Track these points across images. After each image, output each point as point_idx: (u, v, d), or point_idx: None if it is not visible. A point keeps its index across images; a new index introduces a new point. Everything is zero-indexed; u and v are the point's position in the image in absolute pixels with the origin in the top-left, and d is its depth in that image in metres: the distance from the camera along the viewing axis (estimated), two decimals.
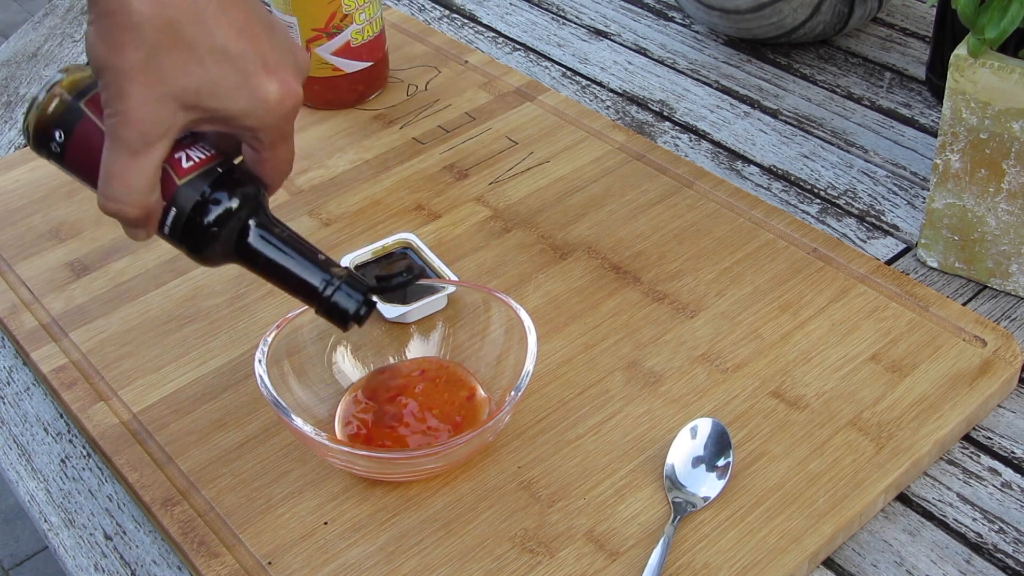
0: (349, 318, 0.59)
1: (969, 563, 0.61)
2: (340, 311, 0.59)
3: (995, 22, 0.67)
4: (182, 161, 0.57)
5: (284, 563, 0.60)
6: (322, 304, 0.59)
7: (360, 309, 0.59)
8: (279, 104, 0.56)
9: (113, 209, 0.55)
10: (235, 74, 0.54)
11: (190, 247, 0.58)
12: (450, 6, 1.15)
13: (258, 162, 0.58)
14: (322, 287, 0.59)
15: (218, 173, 0.57)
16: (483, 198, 0.85)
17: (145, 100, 0.53)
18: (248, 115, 0.55)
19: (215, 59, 0.54)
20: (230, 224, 0.57)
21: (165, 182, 0.56)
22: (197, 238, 0.57)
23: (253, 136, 0.57)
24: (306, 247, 0.59)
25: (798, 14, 0.96)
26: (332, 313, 0.59)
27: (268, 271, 0.59)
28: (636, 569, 0.59)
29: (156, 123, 0.53)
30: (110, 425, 0.69)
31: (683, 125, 0.95)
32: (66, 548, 0.65)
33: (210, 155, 0.58)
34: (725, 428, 0.64)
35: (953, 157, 0.73)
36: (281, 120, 0.57)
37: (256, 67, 0.55)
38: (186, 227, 0.57)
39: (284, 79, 0.56)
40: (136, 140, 0.53)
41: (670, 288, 0.76)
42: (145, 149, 0.54)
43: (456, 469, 0.64)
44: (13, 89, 1.06)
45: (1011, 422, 0.68)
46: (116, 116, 0.53)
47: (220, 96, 0.54)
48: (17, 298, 0.79)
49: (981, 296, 0.76)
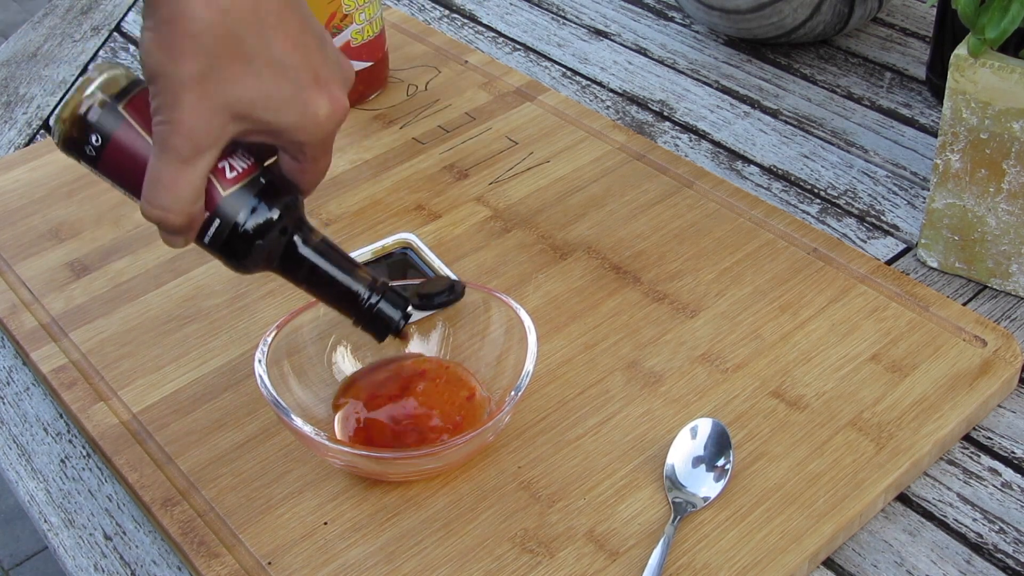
0: (391, 328, 0.59)
1: (969, 563, 0.61)
2: (383, 321, 0.59)
3: (995, 22, 0.67)
4: (226, 172, 0.56)
5: (284, 563, 0.60)
6: (364, 314, 0.59)
7: (401, 320, 0.60)
8: (328, 119, 0.55)
9: (157, 216, 0.55)
10: (289, 87, 0.54)
11: (231, 256, 0.58)
12: (450, 6, 1.15)
13: (297, 171, 0.58)
14: (366, 296, 0.59)
15: (261, 184, 0.57)
16: (483, 198, 0.85)
17: (200, 110, 0.52)
18: (298, 129, 0.55)
19: (271, 71, 0.53)
20: (272, 235, 0.57)
21: (209, 192, 0.55)
22: (240, 249, 0.57)
23: (298, 149, 0.56)
24: (346, 257, 0.60)
25: (798, 14, 0.96)
26: (374, 323, 0.59)
27: (310, 281, 0.59)
28: (636, 569, 0.59)
29: (208, 133, 0.53)
30: (110, 425, 0.69)
31: (683, 125, 0.95)
32: (66, 548, 0.65)
33: (251, 164, 0.57)
34: (725, 428, 0.64)
35: (953, 157, 0.73)
36: (327, 134, 0.56)
37: (308, 80, 0.54)
38: (230, 238, 0.56)
39: (333, 94, 0.56)
40: (187, 149, 0.53)
41: (670, 288, 0.76)
42: (195, 158, 0.53)
43: (456, 469, 0.64)
44: (13, 89, 1.06)
45: (1011, 422, 0.68)
46: (168, 124, 0.53)
47: (273, 109, 0.54)
48: (17, 298, 0.79)
49: (981, 296, 0.76)
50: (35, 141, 0.99)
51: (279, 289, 0.77)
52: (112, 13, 1.17)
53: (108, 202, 0.86)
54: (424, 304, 0.62)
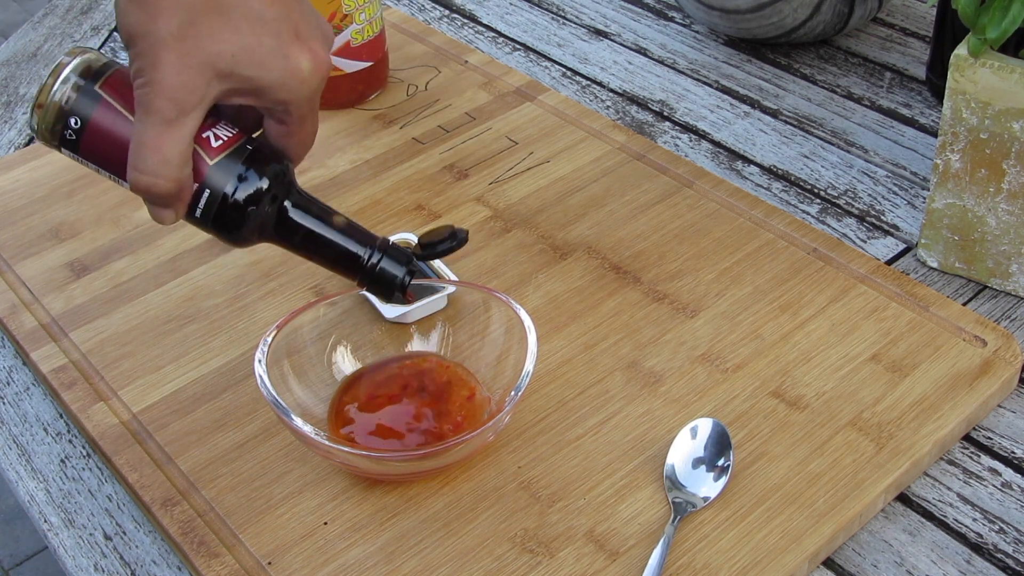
0: (395, 286, 0.58)
1: (969, 563, 0.61)
2: (387, 279, 0.57)
3: (996, 22, 0.67)
4: (211, 140, 0.55)
5: (284, 563, 0.60)
6: (366, 274, 0.57)
7: (406, 276, 0.58)
8: (312, 75, 0.55)
9: (145, 183, 0.53)
10: (270, 40, 0.53)
11: (224, 229, 0.56)
12: (450, 6, 1.15)
13: (285, 135, 0.57)
14: (366, 257, 0.57)
15: (248, 151, 0.56)
16: (483, 198, 0.85)
17: (181, 68, 0.51)
18: (280, 86, 0.54)
19: (250, 25, 0.53)
20: (264, 203, 0.56)
21: (195, 163, 0.54)
22: (233, 219, 0.55)
23: (284, 109, 0.56)
24: (343, 219, 0.58)
25: (798, 14, 0.96)
26: (378, 282, 0.57)
27: (307, 247, 0.58)
28: (636, 569, 0.59)
29: (191, 91, 0.52)
30: (110, 425, 0.69)
31: (683, 125, 0.95)
32: (66, 548, 0.65)
33: (236, 133, 0.56)
34: (725, 428, 0.64)
35: (953, 157, 0.73)
36: (312, 92, 0.56)
37: (289, 35, 0.54)
38: (220, 209, 0.55)
39: (315, 49, 0.55)
40: (170, 109, 0.52)
41: (670, 288, 0.76)
42: (179, 119, 0.52)
43: (456, 469, 0.64)
44: (13, 89, 1.06)
45: (1011, 422, 0.68)
46: (150, 85, 0.52)
47: (255, 64, 0.53)
48: (17, 298, 0.79)
49: (981, 296, 0.76)
50: (35, 141, 0.99)
51: (279, 289, 0.77)
52: (112, 13, 1.17)
53: (108, 202, 0.86)
54: (427, 254, 0.59)
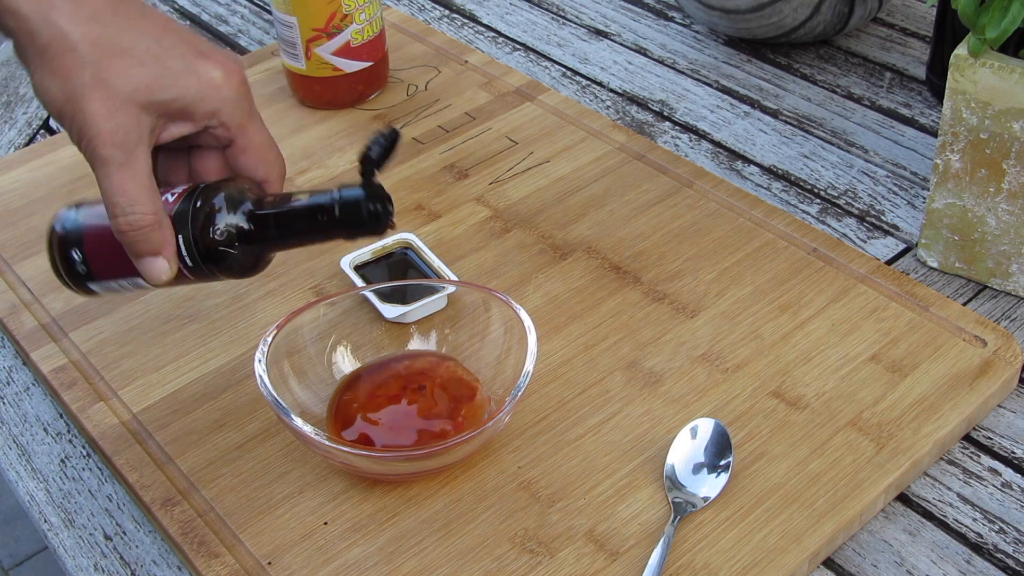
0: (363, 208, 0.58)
1: (969, 563, 0.61)
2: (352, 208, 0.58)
3: (995, 22, 0.67)
4: (168, 200, 0.58)
5: (284, 563, 0.60)
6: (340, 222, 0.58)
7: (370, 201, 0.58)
8: (226, 80, 0.58)
9: (126, 224, 0.56)
10: (176, 63, 0.57)
11: (215, 259, 0.59)
12: (450, 6, 1.15)
13: (240, 153, 0.60)
14: (329, 204, 0.58)
15: (200, 187, 0.59)
16: (483, 198, 0.85)
17: (108, 114, 0.55)
18: (201, 99, 0.57)
19: (152, 56, 0.56)
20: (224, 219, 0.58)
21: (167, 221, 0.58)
22: (214, 244, 0.58)
23: (219, 123, 0.58)
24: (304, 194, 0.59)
25: (798, 14, 0.96)
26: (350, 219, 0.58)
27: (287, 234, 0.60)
28: (636, 569, 0.59)
29: (128, 130, 0.55)
30: (110, 425, 0.69)
31: (683, 125, 0.95)
32: (66, 548, 0.65)
33: (190, 185, 0.60)
34: (725, 428, 0.64)
35: (953, 157, 0.73)
36: (236, 96, 0.58)
37: (192, 53, 0.57)
38: (198, 244, 0.58)
39: (222, 60, 0.58)
40: (116, 153, 0.55)
41: (670, 288, 0.76)
42: (129, 158, 0.55)
43: (456, 469, 0.64)
44: (13, 89, 1.06)
45: (1011, 422, 0.68)
46: (89, 140, 0.55)
47: (169, 86, 0.56)
48: (17, 298, 0.79)
49: (981, 296, 0.76)
50: (35, 141, 0.99)
51: (279, 289, 0.77)
52: None
53: None
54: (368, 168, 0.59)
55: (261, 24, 1.14)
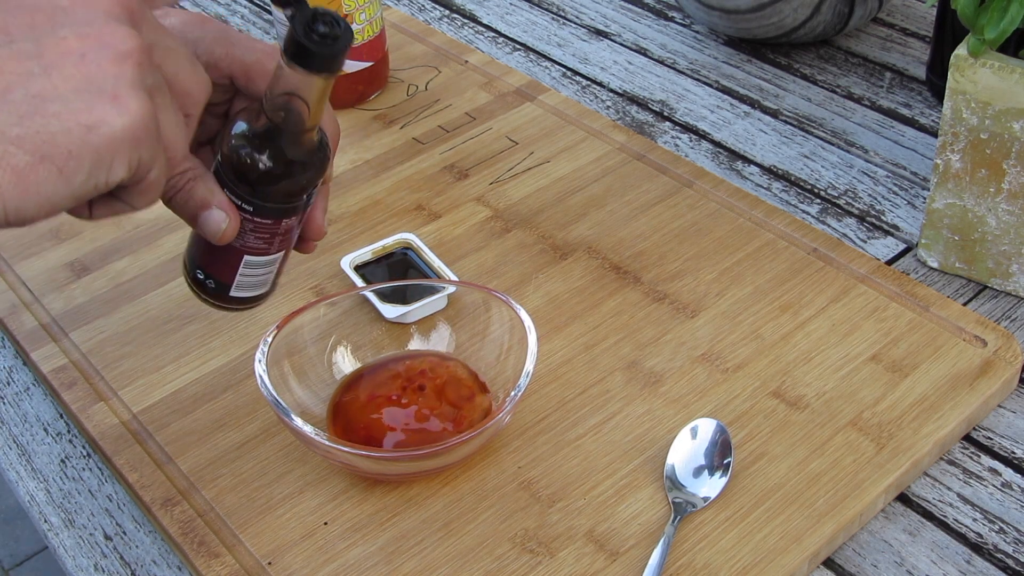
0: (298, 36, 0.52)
1: (969, 563, 0.61)
2: (296, 40, 0.52)
3: (995, 22, 0.67)
4: None
5: (284, 563, 0.60)
6: (300, 57, 0.53)
7: (305, 29, 0.52)
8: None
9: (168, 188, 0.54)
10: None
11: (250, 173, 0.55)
12: (450, 6, 1.15)
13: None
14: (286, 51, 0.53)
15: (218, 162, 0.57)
16: (483, 198, 0.85)
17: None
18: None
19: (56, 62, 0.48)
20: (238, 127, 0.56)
21: None
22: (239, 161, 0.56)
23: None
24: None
25: (798, 14, 0.96)
26: (301, 49, 0.53)
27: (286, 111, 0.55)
28: (636, 569, 0.59)
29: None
30: (110, 425, 0.69)
31: (683, 125, 0.95)
32: (66, 548, 0.65)
33: None
34: (725, 428, 0.64)
35: (953, 157, 0.73)
36: None
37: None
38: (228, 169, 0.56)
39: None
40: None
41: (670, 288, 0.76)
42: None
43: (456, 469, 0.64)
44: None
45: (1011, 422, 0.68)
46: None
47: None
48: (17, 298, 0.79)
49: (981, 296, 0.76)
50: None
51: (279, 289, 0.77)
52: None
53: None
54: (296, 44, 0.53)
55: (261, 24, 1.14)
